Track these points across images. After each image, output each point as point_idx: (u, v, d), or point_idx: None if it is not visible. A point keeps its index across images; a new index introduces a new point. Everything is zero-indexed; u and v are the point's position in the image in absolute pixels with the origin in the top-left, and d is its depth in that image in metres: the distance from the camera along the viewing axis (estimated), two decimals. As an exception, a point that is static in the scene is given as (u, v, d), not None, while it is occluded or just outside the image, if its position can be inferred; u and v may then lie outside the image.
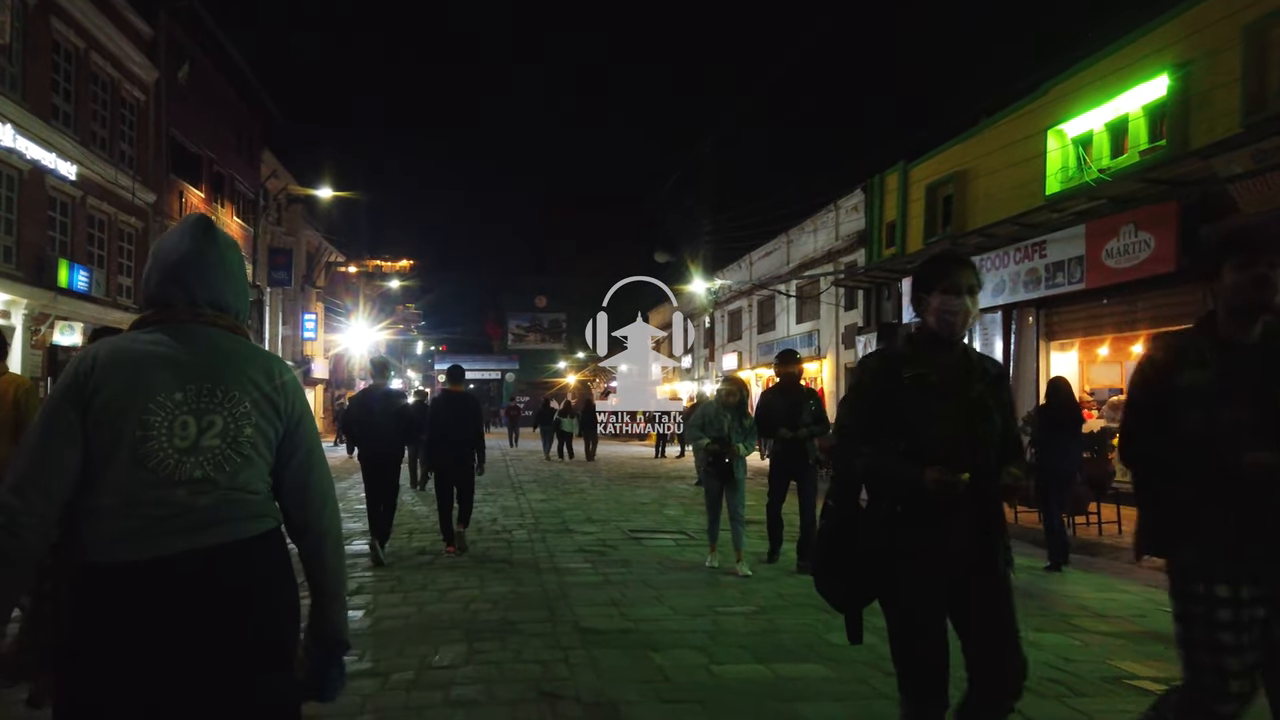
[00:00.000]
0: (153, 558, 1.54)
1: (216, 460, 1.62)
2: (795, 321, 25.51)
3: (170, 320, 1.70)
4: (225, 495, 1.62)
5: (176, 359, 1.64)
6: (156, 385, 1.60)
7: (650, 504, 12.00)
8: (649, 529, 9.31)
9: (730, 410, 7.17)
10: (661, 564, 7.18)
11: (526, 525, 9.49)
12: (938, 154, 17.79)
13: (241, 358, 1.72)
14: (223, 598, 1.59)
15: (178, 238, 1.75)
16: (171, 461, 1.59)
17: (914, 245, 18.19)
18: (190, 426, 1.61)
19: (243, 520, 1.64)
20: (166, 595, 1.54)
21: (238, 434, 1.65)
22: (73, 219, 17.41)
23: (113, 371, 1.60)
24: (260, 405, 1.69)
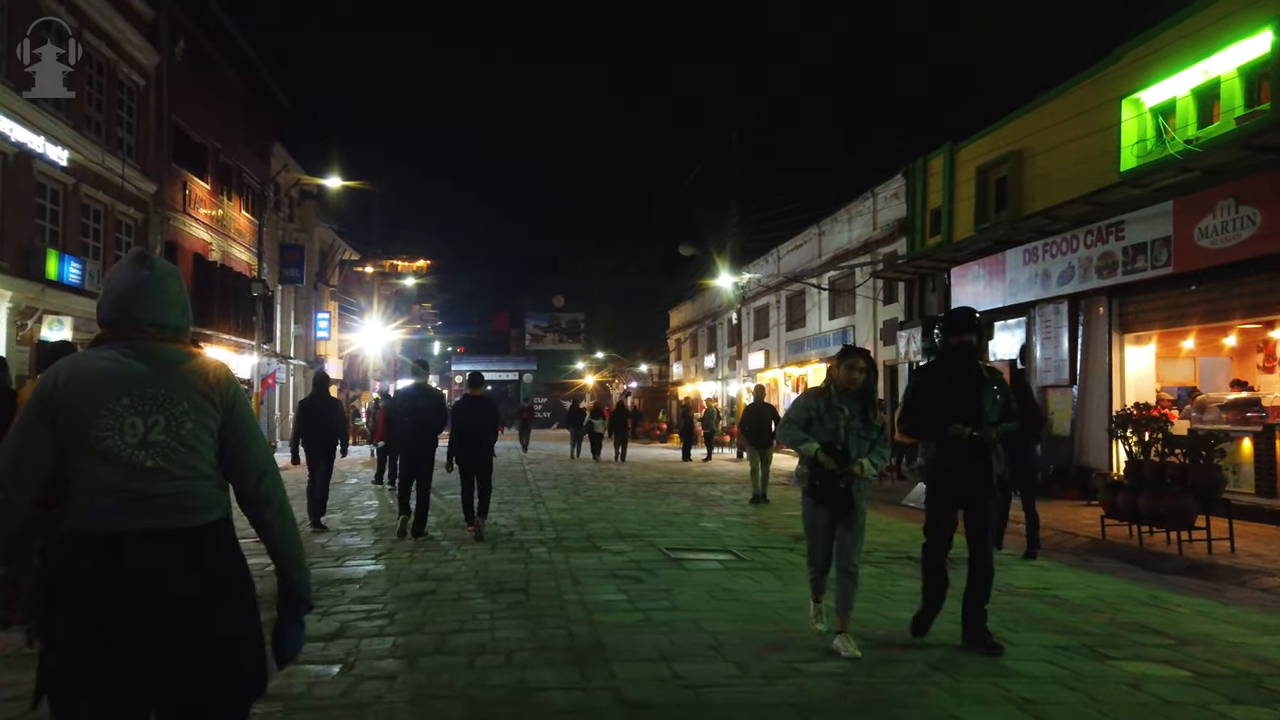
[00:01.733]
0: (123, 531, 1.91)
1: (164, 452, 1.95)
2: (828, 317, 24.17)
3: (118, 339, 2.04)
4: (182, 484, 1.96)
5: (122, 371, 1.98)
6: (106, 394, 1.95)
7: (684, 515, 10.74)
8: (688, 546, 8.06)
9: (850, 401, 4.66)
10: (712, 594, 5.91)
11: (547, 540, 8.27)
12: (989, 134, 16.43)
13: (178, 365, 2.03)
14: (178, 569, 1.93)
15: (122, 271, 2.09)
16: (126, 455, 1.92)
17: (963, 231, 16.83)
18: (138, 426, 1.95)
19: (199, 510, 1.98)
20: (134, 562, 1.91)
21: (179, 428, 1.98)
22: (65, 208, 16.39)
23: (71, 386, 1.95)
24: (196, 402, 2.01)
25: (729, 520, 10.25)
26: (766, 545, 8.22)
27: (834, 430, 4.60)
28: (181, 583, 1.91)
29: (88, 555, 1.89)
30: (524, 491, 13.51)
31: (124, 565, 1.88)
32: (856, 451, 4.55)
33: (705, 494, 13.68)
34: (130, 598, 1.87)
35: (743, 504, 12.16)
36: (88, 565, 1.88)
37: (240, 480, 2.06)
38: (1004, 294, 14.83)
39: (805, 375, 25.97)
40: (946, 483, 4.79)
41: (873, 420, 4.64)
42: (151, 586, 1.88)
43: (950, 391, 4.74)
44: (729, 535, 8.93)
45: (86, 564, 1.89)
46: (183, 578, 1.92)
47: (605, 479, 16.49)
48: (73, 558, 1.90)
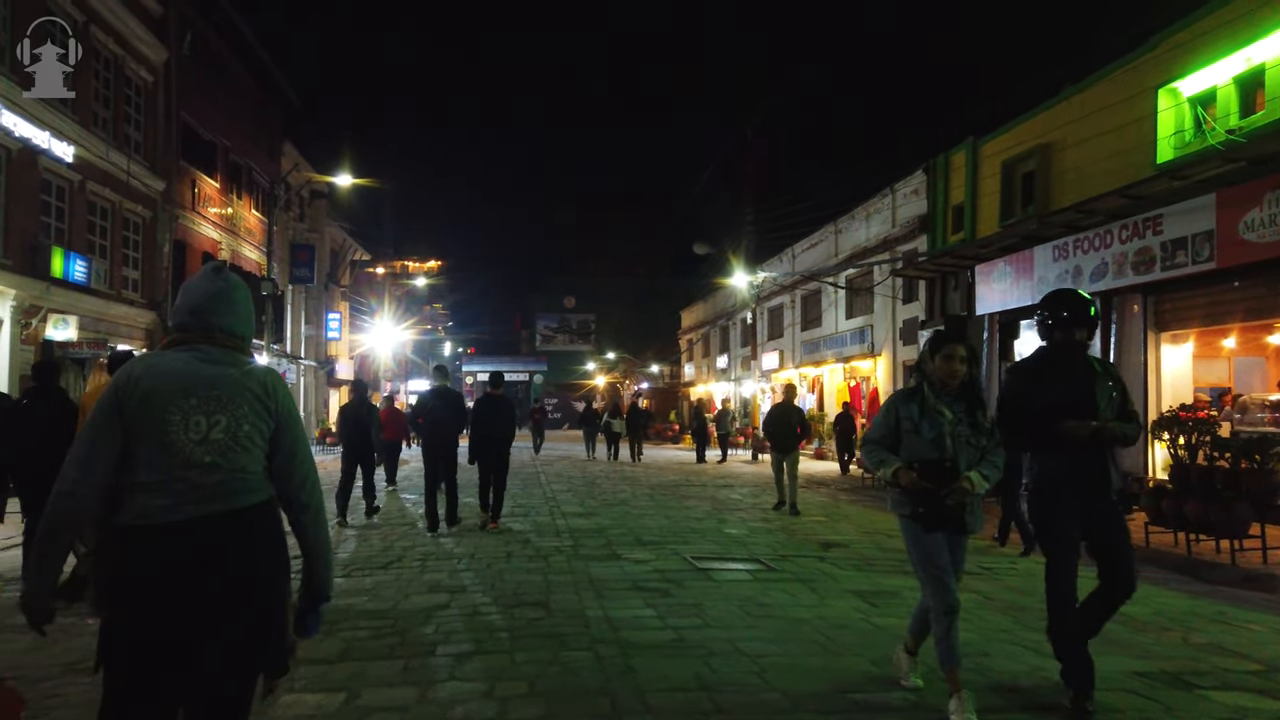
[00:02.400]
0: (177, 520, 2.09)
1: (221, 449, 2.15)
2: (845, 316, 23.71)
3: (191, 342, 2.24)
4: (227, 476, 2.15)
5: (192, 372, 2.18)
6: (177, 392, 2.14)
7: (705, 520, 10.34)
8: (713, 555, 7.65)
9: (952, 402, 3.76)
10: (745, 610, 5.50)
11: (565, 549, 7.88)
12: (1015, 127, 15.95)
13: (242, 372, 2.24)
14: (223, 550, 2.12)
15: (199, 280, 2.32)
16: (188, 450, 2.12)
17: (987, 228, 16.36)
18: (202, 424, 2.14)
19: (240, 494, 2.17)
20: (185, 546, 2.09)
21: (237, 429, 2.17)
22: (70, 205, 16.11)
23: (144, 384, 2.15)
24: (254, 406, 2.21)
25: (753, 526, 9.84)
26: (796, 554, 7.81)
27: (935, 440, 3.67)
28: (225, 561, 2.11)
29: (144, 541, 2.08)
30: (538, 495, 13.13)
31: (176, 548, 2.07)
32: (966, 463, 3.67)
33: (724, 498, 13.27)
34: (180, 578, 2.07)
35: (764, 509, 11.74)
36: (143, 550, 2.07)
37: (284, 484, 2.26)
38: (1031, 292, 14.35)
39: (821, 376, 25.51)
40: (1062, 496, 3.81)
41: (982, 423, 3.76)
42: (199, 566, 2.08)
43: (1059, 391, 3.83)
44: (755, 543, 8.52)
45: (142, 549, 2.08)
46: (227, 557, 2.11)
47: (620, 481, 16.10)
48: (130, 543, 2.08)
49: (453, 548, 8.01)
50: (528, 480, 15.86)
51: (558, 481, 15.82)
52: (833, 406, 24.05)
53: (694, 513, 11.13)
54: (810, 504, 12.63)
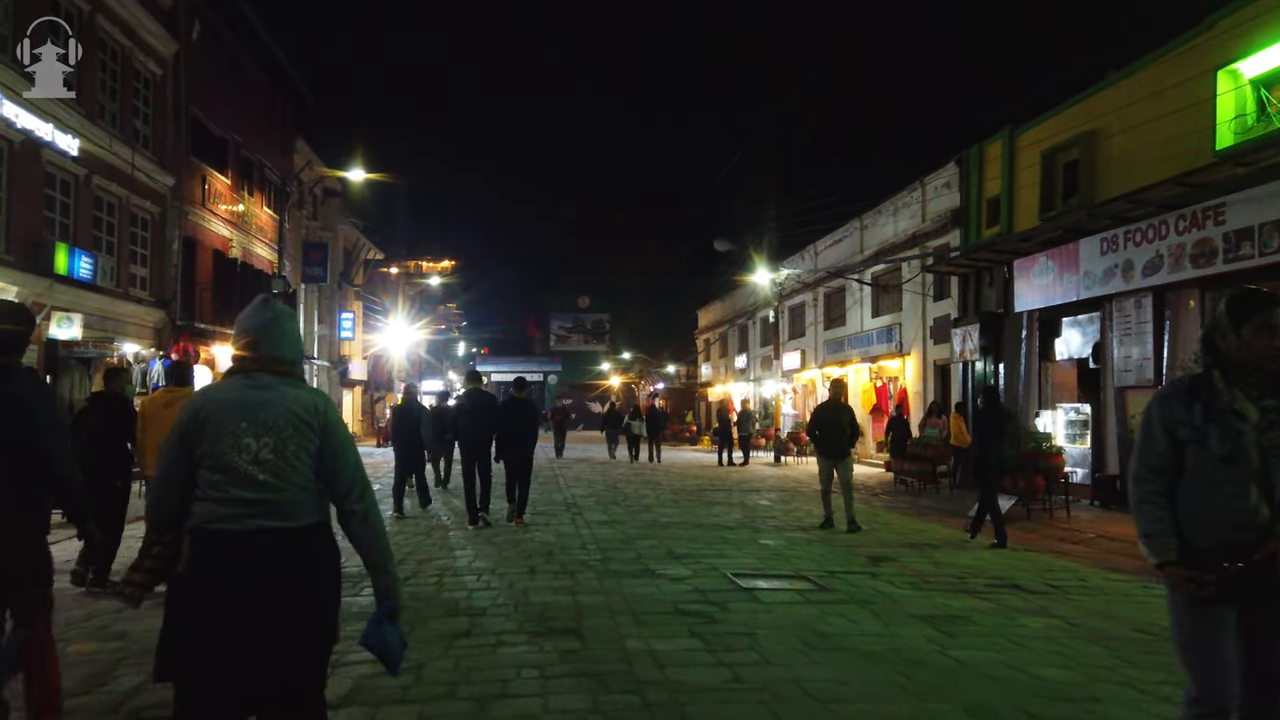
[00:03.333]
0: (237, 530, 2.32)
1: (272, 468, 2.37)
2: (871, 314, 22.99)
3: (245, 370, 2.50)
4: (285, 494, 2.37)
5: (243, 400, 2.43)
6: (229, 419, 2.39)
7: (738, 529, 9.70)
8: (755, 571, 7.01)
9: (1259, 397, 2.50)
10: (805, 640, 4.87)
11: (592, 562, 7.26)
12: (1055, 115, 15.23)
13: (288, 396, 2.46)
14: (282, 561, 2.33)
15: (251, 314, 2.56)
16: (242, 469, 2.35)
17: (1026, 221, 15.64)
18: (252, 446, 2.37)
19: (288, 515, 2.36)
20: (244, 554, 2.30)
21: (284, 449, 2.39)
22: (75, 200, 15.63)
23: (204, 412, 2.42)
24: (298, 427, 2.42)
25: (790, 537, 9.19)
26: (844, 570, 7.16)
27: (1229, 456, 2.45)
28: (281, 572, 2.30)
29: (208, 549, 2.31)
30: (558, 501, 12.52)
31: (237, 557, 2.29)
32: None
33: (753, 504, 12.63)
34: (240, 584, 2.26)
35: (799, 516, 11.10)
36: (208, 557, 2.30)
37: (334, 494, 2.46)
38: (1076, 287, 13.64)
39: (845, 376, 24.76)
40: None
41: None
42: (257, 574, 2.27)
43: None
44: (796, 556, 7.88)
45: (207, 556, 2.30)
46: (282, 568, 2.30)
47: (642, 485, 15.48)
48: (197, 551, 2.32)
49: (471, 561, 7.41)
50: (547, 484, 15.26)
51: (578, 485, 15.21)
52: (858, 408, 23.34)
53: (724, 520, 10.49)
54: (842, 512, 11.96)
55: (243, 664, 2.24)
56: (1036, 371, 15.51)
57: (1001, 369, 16.44)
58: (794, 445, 23.41)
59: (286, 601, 2.29)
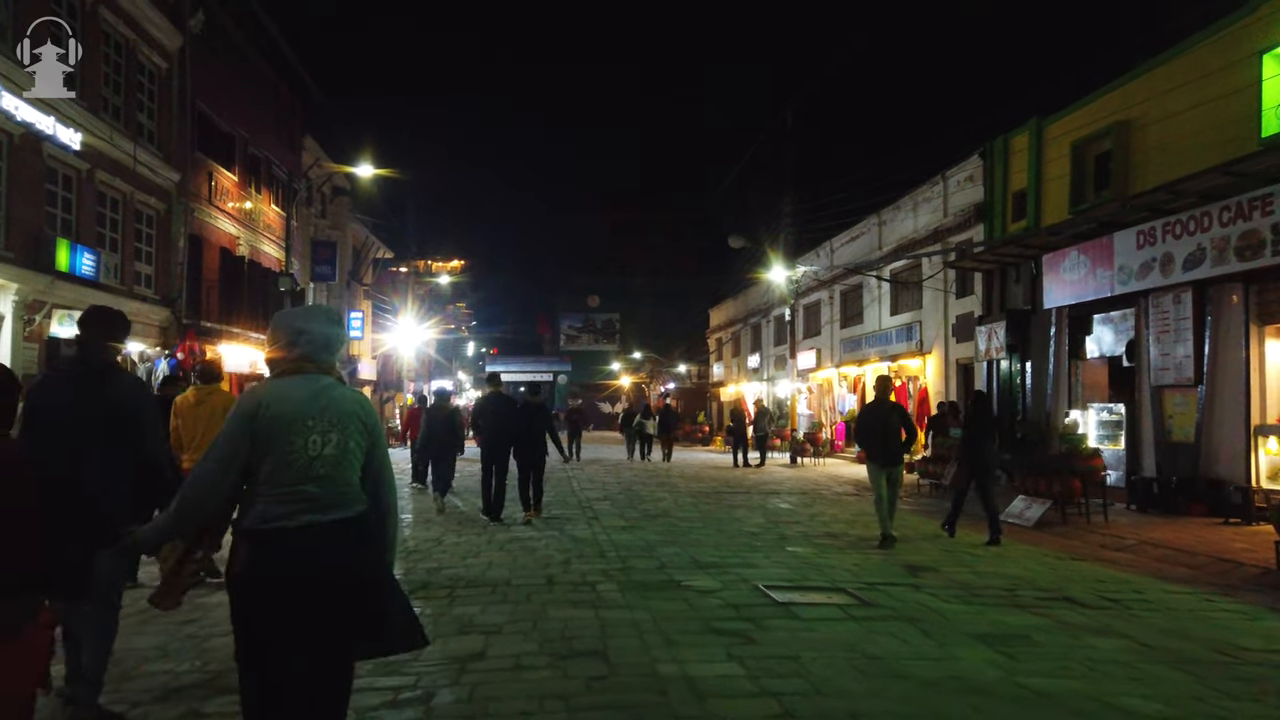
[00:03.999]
0: (293, 526, 2.45)
1: (332, 463, 2.52)
2: (890, 312, 22.47)
3: (302, 372, 2.61)
4: (338, 488, 2.53)
5: (309, 398, 2.55)
6: (297, 416, 2.50)
7: (762, 535, 9.23)
8: (788, 583, 6.54)
9: None
10: (855, 665, 4.40)
11: (613, 573, 6.81)
12: (1086, 105, 14.70)
13: (346, 398, 2.64)
14: (337, 551, 2.47)
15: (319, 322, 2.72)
16: (304, 464, 2.48)
17: (1055, 215, 15.11)
18: (318, 442, 2.51)
19: (348, 504, 2.54)
20: (303, 549, 2.44)
21: (345, 445, 2.55)
22: (78, 195, 15.28)
23: (273, 408, 2.50)
24: (357, 426, 2.61)
25: (818, 543, 8.72)
26: (882, 581, 6.69)
27: None
28: (340, 559, 2.48)
29: (269, 547, 2.44)
30: (573, 504, 12.08)
31: (300, 551, 2.44)
32: None
33: (774, 507, 12.15)
34: (300, 572, 2.43)
35: (824, 521, 10.62)
36: (269, 555, 2.44)
37: (375, 490, 2.68)
38: (1110, 283, 13.11)
39: (863, 375, 24.27)
40: None
41: None
42: (320, 563, 2.45)
43: None
44: (828, 565, 7.41)
45: (268, 554, 2.44)
46: (341, 555, 2.49)
47: (657, 488, 15.02)
48: (257, 550, 2.45)
49: (485, 570, 6.98)
50: (559, 486, 14.82)
51: (591, 488, 14.77)
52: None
53: (747, 526, 10.03)
54: (865, 515, 11.48)
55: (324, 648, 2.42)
56: (1066, 370, 14.99)
57: (1028, 367, 15.92)
58: (810, 446, 22.91)
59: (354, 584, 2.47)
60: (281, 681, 2.40)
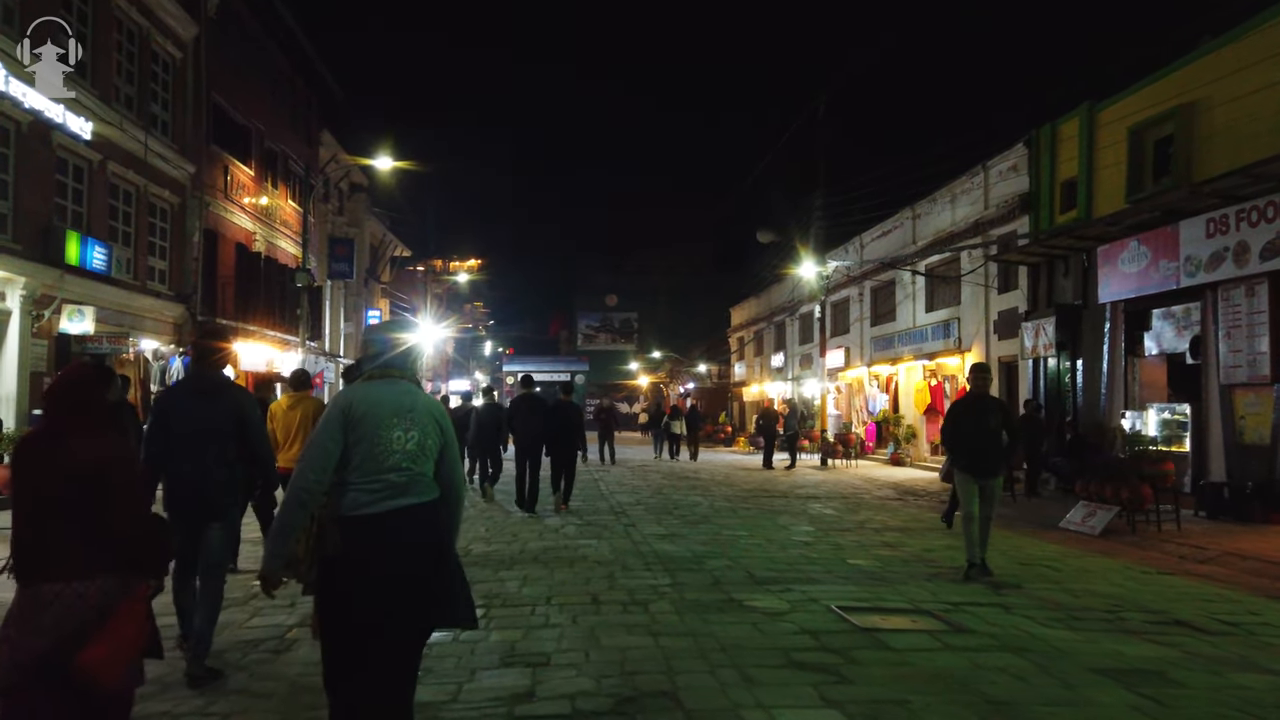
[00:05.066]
0: (379, 511, 2.79)
1: (414, 456, 2.88)
2: (925, 309, 21.67)
3: (386, 378, 3.03)
4: (414, 476, 2.88)
5: (393, 400, 2.93)
6: (384, 414, 2.87)
7: (816, 544, 8.53)
8: (862, 603, 5.84)
9: None
10: (976, 709, 3.70)
11: (665, 591, 6.13)
12: (1144, 88, 13.89)
13: (424, 400, 3.02)
14: (416, 532, 2.83)
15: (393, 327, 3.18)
16: (393, 457, 2.84)
17: (1108, 205, 14.30)
18: (402, 438, 2.87)
19: (424, 492, 2.91)
20: (388, 530, 2.78)
21: (424, 441, 2.92)
22: (89, 186, 14.77)
23: (363, 407, 2.88)
24: (433, 424, 2.98)
25: (878, 555, 8.01)
26: (966, 600, 5.97)
27: None
28: (419, 538, 2.82)
29: (361, 530, 2.77)
30: (604, 509, 11.41)
31: (385, 532, 2.77)
32: None
33: (818, 514, 11.44)
34: (390, 553, 2.75)
35: (874, 529, 9.90)
36: (362, 537, 2.76)
37: (447, 481, 3.02)
38: (1175, 274, 12.31)
39: (895, 374, 23.49)
40: None
41: None
42: (403, 543, 2.79)
43: None
44: (898, 580, 6.70)
45: (360, 536, 2.76)
46: (420, 535, 2.83)
47: (690, 490, 14.33)
48: (351, 533, 2.76)
49: (521, 586, 6.32)
50: (588, 489, 14.17)
51: (621, 491, 14.09)
52: (910, 408, 22.04)
53: (795, 534, 9.32)
54: (918, 522, 10.75)
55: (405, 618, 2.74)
56: (1121, 368, 14.19)
57: (1079, 365, 15.12)
58: (841, 447, 22.14)
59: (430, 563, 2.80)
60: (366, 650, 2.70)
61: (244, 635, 5.02)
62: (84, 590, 2.52)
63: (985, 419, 7.03)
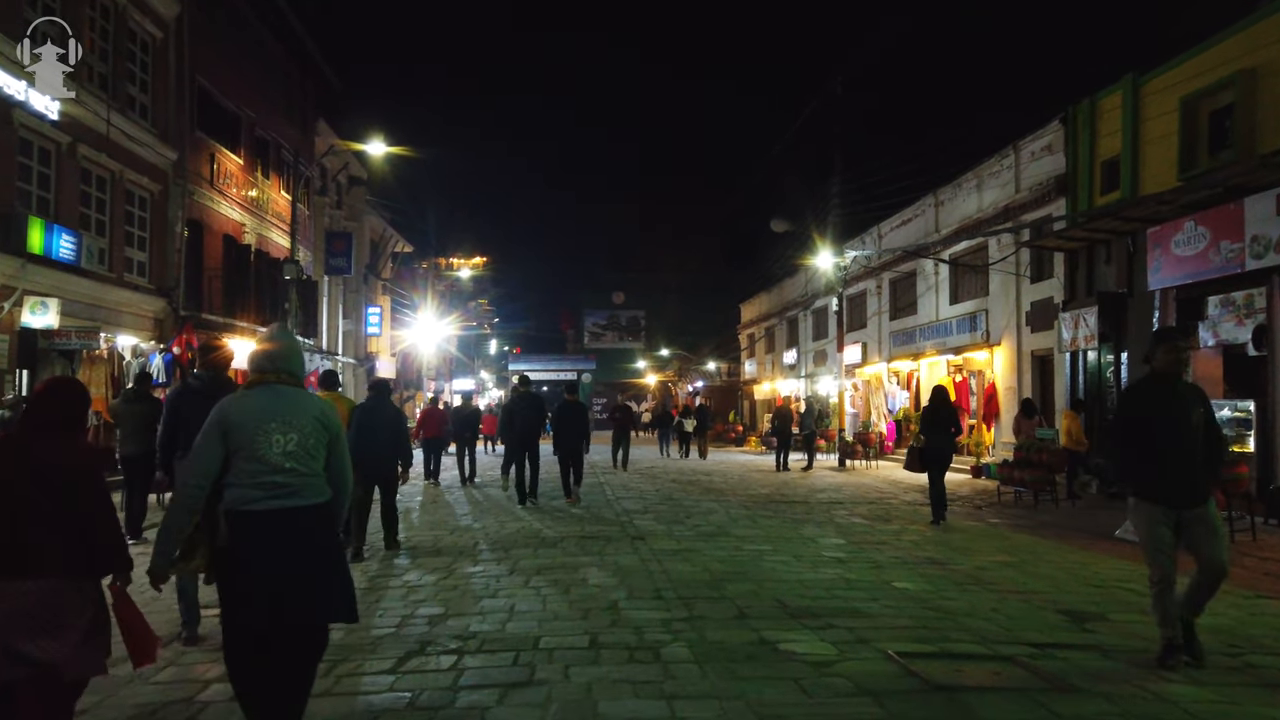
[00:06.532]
0: (268, 509, 3.02)
1: (296, 458, 3.08)
2: (949, 301, 20.51)
3: (265, 383, 3.23)
4: (303, 478, 3.10)
5: (270, 405, 3.13)
6: (261, 419, 3.08)
7: (852, 563, 7.43)
8: (927, 646, 4.72)
9: None
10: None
11: (678, 627, 5.04)
12: (1197, 55, 12.73)
13: (304, 401, 3.24)
14: (296, 532, 3.05)
15: (272, 339, 3.36)
16: (273, 460, 3.04)
17: (1156, 183, 13.15)
18: (280, 441, 3.07)
19: (314, 495, 3.12)
20: (278, 529, 3.02)
21: (306, 443, 3.12)
22: (57, 170, 13.77)
23: (238, 415, 3.09)
24: (316, 426, 3.18)
25: (925, 573, 6.90)
26: (1049, 640, 4.87)
27: None
28: (305, 540, 3.04)
29: (244, 527, 2.99)
30: (610, 519, 10.33)
31: (268, 531, 2.99)
32: None
33: (845, 522, 10.34)
34: (274, 552, 2.98)
35: (912, 542, 8.79)
36: (244, 534, 2.99)
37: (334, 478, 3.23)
38: (1240, 256, 11.15)
39: (916, 370, 22.32)
40: None
41: None
42: (287, 544, 3.00)
43: None
44: (958, 609, 5.59)
45: (244, 532, 2.99)
46: (306, 536, 3.05)
47: (702, 495, 13.23)
48: (235, 529, 2.99)
49: (506, 621, 5.24)
50: (593, 493, 13.10)
51: (628, 497, 13.00)
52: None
53: (824, 548, 8.23)
54: (958, 533, 9.64)
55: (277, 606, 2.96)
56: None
57: (1124, 358, 13.97)
58: (861, 447, 21.00)
59: (308, 561, 3.05)
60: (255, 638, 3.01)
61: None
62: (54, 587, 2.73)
63: (1183, 415, 4.56)
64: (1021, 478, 12.83)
